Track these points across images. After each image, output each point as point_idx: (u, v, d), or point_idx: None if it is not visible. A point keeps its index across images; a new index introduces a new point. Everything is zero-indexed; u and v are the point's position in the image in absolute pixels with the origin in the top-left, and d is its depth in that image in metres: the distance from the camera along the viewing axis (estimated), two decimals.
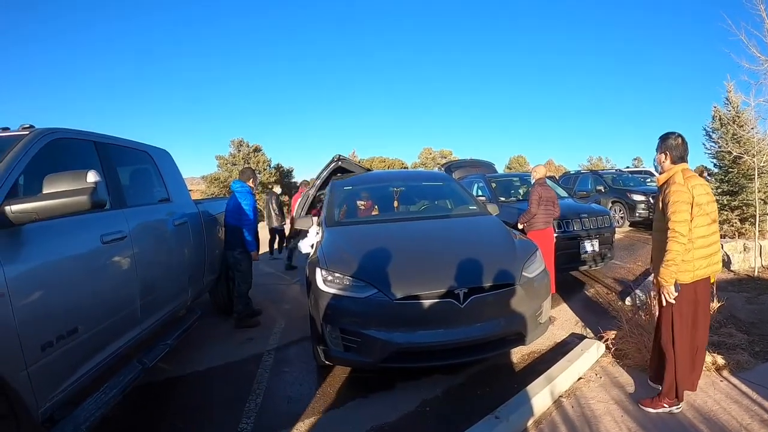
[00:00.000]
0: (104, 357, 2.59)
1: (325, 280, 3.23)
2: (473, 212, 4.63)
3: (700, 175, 12.07)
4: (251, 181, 5.06)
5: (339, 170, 6.68)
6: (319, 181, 6.69)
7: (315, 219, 4.65)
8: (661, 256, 2.59)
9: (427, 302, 3.01)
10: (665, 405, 2.71)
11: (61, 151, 2.66)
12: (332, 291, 3.15)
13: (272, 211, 9.50)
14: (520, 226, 5.10)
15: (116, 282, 2.78)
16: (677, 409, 2.70)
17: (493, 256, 3.43)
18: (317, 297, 3.21)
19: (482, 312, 3.07)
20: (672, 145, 2.68)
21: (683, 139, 2.69)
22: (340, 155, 6.70)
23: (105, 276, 2.68)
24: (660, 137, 2.76)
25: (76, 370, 2.33)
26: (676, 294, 2.61)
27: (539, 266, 3.49)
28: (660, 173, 2.79)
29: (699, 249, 2.60)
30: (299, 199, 7.47)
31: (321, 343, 3.22)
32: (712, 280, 2.80)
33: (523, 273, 3.29)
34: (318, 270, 3.32)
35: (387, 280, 3.09)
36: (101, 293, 2.60)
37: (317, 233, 4.28)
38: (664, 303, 2.68)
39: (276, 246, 10.20)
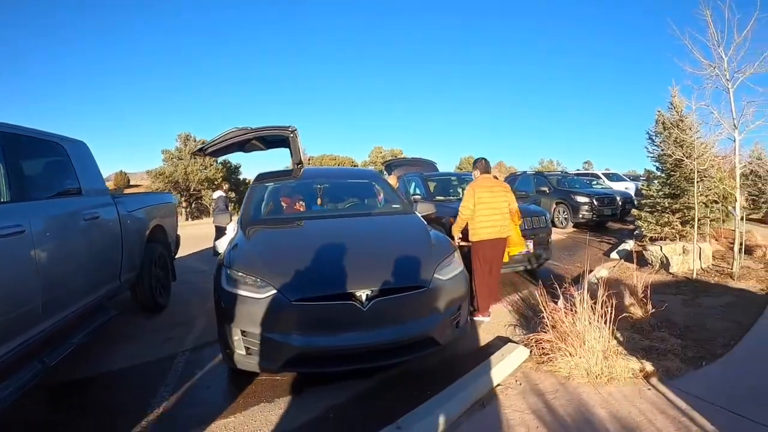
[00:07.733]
0: None
1: (227, 279, 3.05)
2: (395, 211, 4.51)
3: (647, 178, 12.56)
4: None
5: (280, 143, 5.66)
6: (258, 134, 5.06)
7: (234, 217, 4.52)
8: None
9: (326, 304, 2.82)
10: (480, 316, 4.49)
11: None
12: (233, 291, 2.97)
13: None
14: None
15: (12, 277, 2.63)
16: (487, 318, 4.50)
17: (404, 256, 3.27)
18: (220, 297, 3.05)
19: (388, 316, 2.89)
20: (477, 165, 4.81)
21: (485, 161, 4.81)
22: (295, 129, 4.96)
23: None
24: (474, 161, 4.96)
25: None
26: (458, 240, 4.66)
27: (455, 268, 3.35)
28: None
29: (480, 221, 4.51)
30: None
31: (225, 345, 3.04)
32: (510, 250, 4.84)
33: (436, 275, 3.13)
34: (222, 269, 3.15)
35: (287, 280, 2.91)
36: None
37: (234, 230, 4.12)
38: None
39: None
